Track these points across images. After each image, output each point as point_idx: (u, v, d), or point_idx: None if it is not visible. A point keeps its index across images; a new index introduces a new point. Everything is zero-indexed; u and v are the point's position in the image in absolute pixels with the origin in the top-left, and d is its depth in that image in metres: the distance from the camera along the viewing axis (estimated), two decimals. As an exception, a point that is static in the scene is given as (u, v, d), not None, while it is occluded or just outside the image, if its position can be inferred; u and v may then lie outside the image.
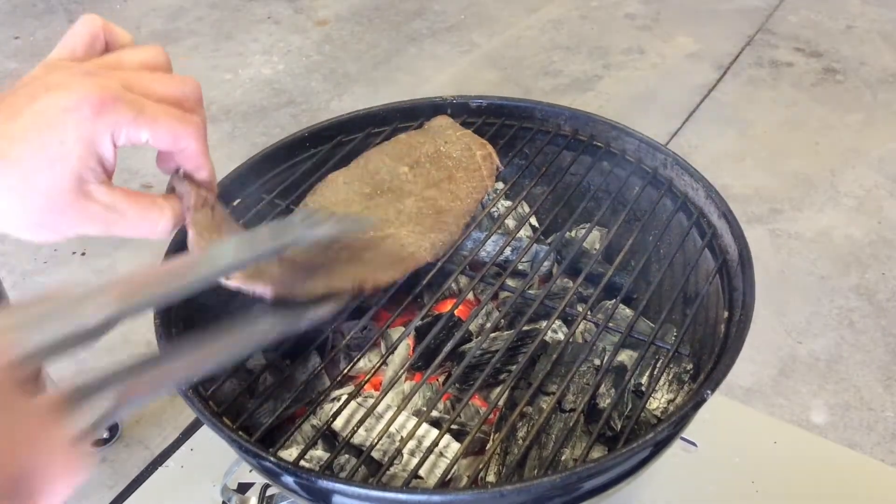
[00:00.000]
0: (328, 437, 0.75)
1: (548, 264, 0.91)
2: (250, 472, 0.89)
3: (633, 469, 0.68)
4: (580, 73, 2.84)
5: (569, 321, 0.84)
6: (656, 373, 0.75)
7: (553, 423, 0.73)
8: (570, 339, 0.76)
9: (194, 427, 1.16)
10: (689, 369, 0.79)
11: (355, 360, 0.76)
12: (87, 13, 0.55)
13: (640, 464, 0.68)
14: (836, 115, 2.59)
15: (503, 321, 0.84)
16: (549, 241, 0.96)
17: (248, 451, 0.63)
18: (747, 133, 2.53)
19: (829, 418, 1.65)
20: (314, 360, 0.80)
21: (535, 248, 0.92)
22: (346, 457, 0.72)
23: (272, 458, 0.62)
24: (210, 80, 2.81)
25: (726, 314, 0.76)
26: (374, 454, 0.70)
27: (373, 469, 0.71)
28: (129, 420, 1.56)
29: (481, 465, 0.69)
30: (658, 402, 0.77)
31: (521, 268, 0.90)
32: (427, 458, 0.65)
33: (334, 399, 0.76)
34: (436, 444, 0.66)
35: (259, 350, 0.60)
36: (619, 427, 0.73)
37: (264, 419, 0.72)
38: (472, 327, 0.84)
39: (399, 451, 0.65)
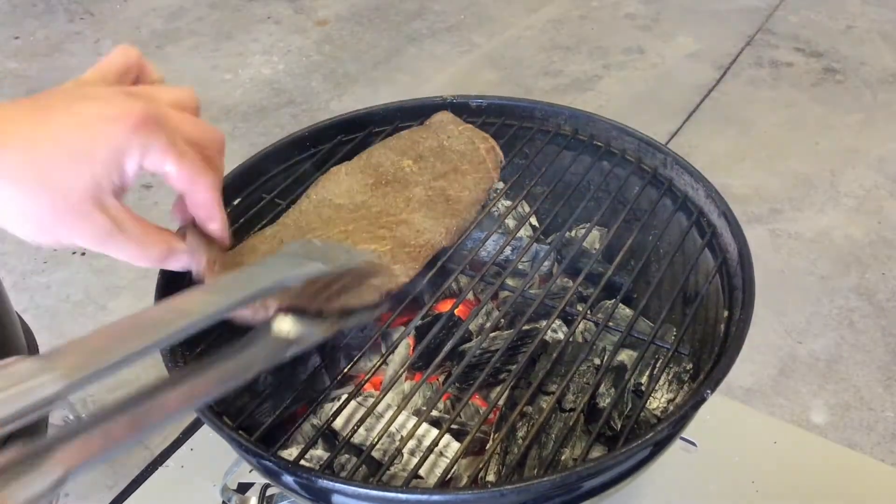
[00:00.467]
0: (328, 436, 0.75)
1: (548, 264, 0.91)
2: (250, 472, 0.89)
3: (633, 469, 0.68)
4: (580, 73, 2.84)
5: (569, 321, 0.84)
6: (656, 372, 0.75)
7: (553, 423, 0.73)
8: (570, 339, 0.76)
9: (194, 427, 1.16)
10: (688, 369, 0.79)
11: (355, 359, 0.76)
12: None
13: (639, 463, 0.68)
14: (836, 115, 2.59)
15: (503, 321, 0.84)
16: (549, 240, 0.96)
17: (248, 450, 0.63)
18: (747, 133, 2.53)
19: (829, 418, 1.65)
20: (314, 360, 0.80)
21: (535, 248, 0.92)
22: (347, 456, 0.72)
23: (272, 458, 0.62)
24: (210, 80, 2.82)
25: (726, 313, 0.76)
26: (375, 454, 0.70)
27: (373, 468, 0.71)
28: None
29: (481, 465, 0.69)
30: (658, 401, 0.77)
31: (521, 267, 0.90)
32: (427, 458, 0.65)
33: (334, 398, 0.76)
34: (436, 443, 0.66)
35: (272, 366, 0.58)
36: (619, 426, 0.73)
37: (264, 418, 0.72)
38: (472, 327, 0.84)
39: (399, 451, 0.65)
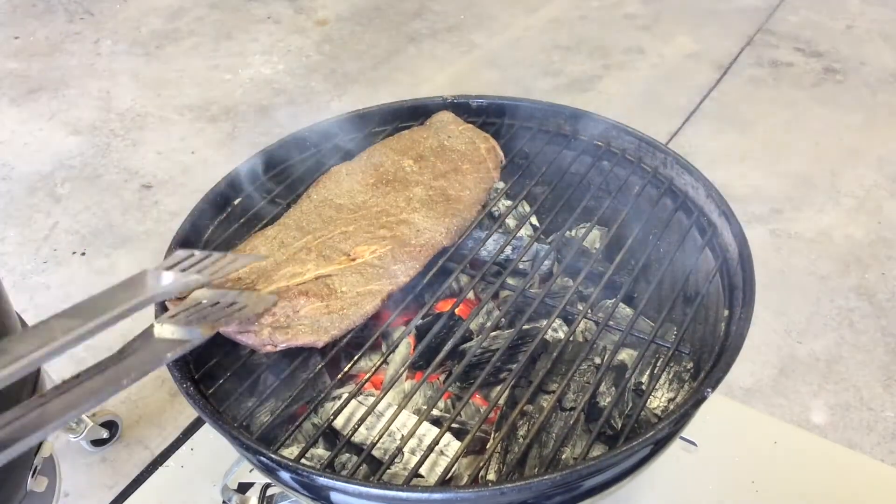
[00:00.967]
0: (329, 435, 0.75)
1: (548, 263, 0.91)
2: (250, 471, 0.89)
3: (634, 467, 0.68)
4: (580, 73, 2.84)
5: (569, 320, 0.84)
6: (656, 371, 0.75)
7: (553, 422, 0.73)
8: (571, 338, 0.76)
9: (194, 427, 1.16)
10: (689, 368, 0.79)
11: (356, 358, 0.76)
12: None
13: (640, 462, 0.68)
14: (836, 115, 2.59)
15: (503, 320, 0.84)
16: (550, 240, 0.96)
17: (248, 448, 0.63)
18: (747, 133, 2.52)
19: (829, 418, 1.65)
20: (315, 359, 0.80)
21: (536, 247, 0.92)
22: (347, 455, 0.72)
23: (273, 456, 0.62)
24: (210, 80, 2.81)
25: (726, 313, 0.76)
26: (375, 452, 0.70)
27: (374, 467, 0.71)
28: (128, 420, 1.56)
29: (482, 464, 0.69)
30: (658, 400, 0.77)
31: (521, 267, 0.90)
32: (428, 457, 0.65)
33: (335, 398, 0.77)
34: (436, 442, 0.66)
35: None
36: (620, 425, 0.73)
37: (265, 417, 0.72)
38: (472, 326, 0.84)
39: (400, 450, 0.65)
